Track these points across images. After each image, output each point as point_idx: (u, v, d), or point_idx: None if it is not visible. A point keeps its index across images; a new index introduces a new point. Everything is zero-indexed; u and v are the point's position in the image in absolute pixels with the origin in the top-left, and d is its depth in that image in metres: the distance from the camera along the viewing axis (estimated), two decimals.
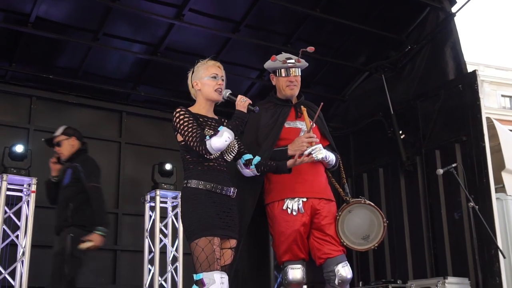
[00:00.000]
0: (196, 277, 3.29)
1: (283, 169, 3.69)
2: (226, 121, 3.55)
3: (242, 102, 3.46)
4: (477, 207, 5.12)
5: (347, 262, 3.81)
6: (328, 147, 4.05)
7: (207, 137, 3.33)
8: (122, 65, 7.07)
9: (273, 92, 4.15)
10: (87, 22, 6.36)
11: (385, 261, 6.91)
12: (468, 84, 6.23)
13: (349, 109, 8.12)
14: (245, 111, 3.46)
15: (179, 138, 3.45)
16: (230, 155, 3.55)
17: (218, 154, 3.42)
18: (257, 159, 3.65)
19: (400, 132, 6.96)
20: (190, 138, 3.33)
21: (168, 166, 6.51)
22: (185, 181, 3.42)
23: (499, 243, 5.35)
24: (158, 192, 6.38)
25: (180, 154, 3.49)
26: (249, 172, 3.68)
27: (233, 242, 3.47)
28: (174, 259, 6.35)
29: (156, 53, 6.77)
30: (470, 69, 6.46)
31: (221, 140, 3.32)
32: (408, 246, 6.67)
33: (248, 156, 3.66)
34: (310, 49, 3.92)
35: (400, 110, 7.07)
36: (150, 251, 6.41)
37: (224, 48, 6.97)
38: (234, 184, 3.57)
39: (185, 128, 3.36)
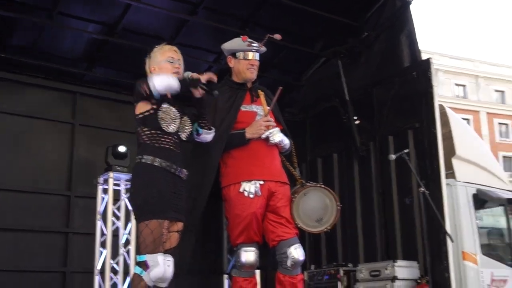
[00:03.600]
0: (139, 258, 3.28)
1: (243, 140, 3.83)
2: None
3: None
4: (427, 192, 5.24)
5: (300, 244, 3.85)
6: (281, 132, 4.09)
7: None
8: (78, 45, 6.94)
9: (228, 75, 4.15)
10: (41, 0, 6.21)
11: (337, 245, 7.01)
12: (422, 71, 6.32)
13: (306, 95, 8.16)
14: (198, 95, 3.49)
15: (137, 109, 3.41)
16: (184, 133, 3.56)
17: (162, 94, 3.34)
18: (195, 125, 3.66)
19: (355, 118, 7.03)
20: (140, 85, 3.33)
21: (122, 149, 6.41)
22: (140, 156, 3.38)
23: (448, 228, 5.48)
24: (111, 174, 6.29)
25: (137, 128, 3.44)
26: (205, 136, 3.70)
27: (180, 225, 3.47)
28: (127, 242, 6.30)
29: (112, 33, 6.66)
30: (425, 57, 6.56)
31: (161, 76, 3.33)
32: (360, 230, 6.78)
33: (195, 127, 3.66)
34: (277, 36, 3.97)
35: (356, 96, 7.13)
36: (103, 234, 6.35)
37: (182, 30, 6.91)
38: (187, 167, 3.56)
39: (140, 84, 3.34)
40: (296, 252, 3.79)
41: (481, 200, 6.64)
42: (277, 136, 3.93)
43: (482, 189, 6.62)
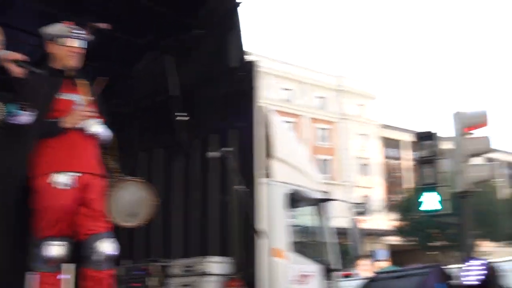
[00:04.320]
0: None
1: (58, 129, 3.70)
2: None
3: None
4: (244, 190, 5.42)
5: (111, 238, 3.81)
6: (102, 123, 4.03)
7: None
8: None
9: (47, 61, 4.00)
10: None
11: (152, 240, 6.99)
12: (247, 73, 6.53)
13: (134, 87, 8.04)
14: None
15: None
16: None
17: None
18: (9, 106, 3.55)
19: (182, 114, 7.06)
20: None
21: None
22: None
23: (262, 225, 5.71)
24: None
25: None
26: (23, 118, 3.60)
27: None
28: None
29: None
30: (252, 59, 6.77)
31: None
32: (177, 226, 6.82)
33: (9, 109, 3.53)
34: (103, 25, 3.91)
35: (183, 92, 7.17)
36: None
37: (2, 9, 6.47)
38: None
39: None
40: (108, 247, 3.75)
41: (295, 200, 6.96)
42: (95, 127, 3.88)
43: (297, 189, 6.95)
